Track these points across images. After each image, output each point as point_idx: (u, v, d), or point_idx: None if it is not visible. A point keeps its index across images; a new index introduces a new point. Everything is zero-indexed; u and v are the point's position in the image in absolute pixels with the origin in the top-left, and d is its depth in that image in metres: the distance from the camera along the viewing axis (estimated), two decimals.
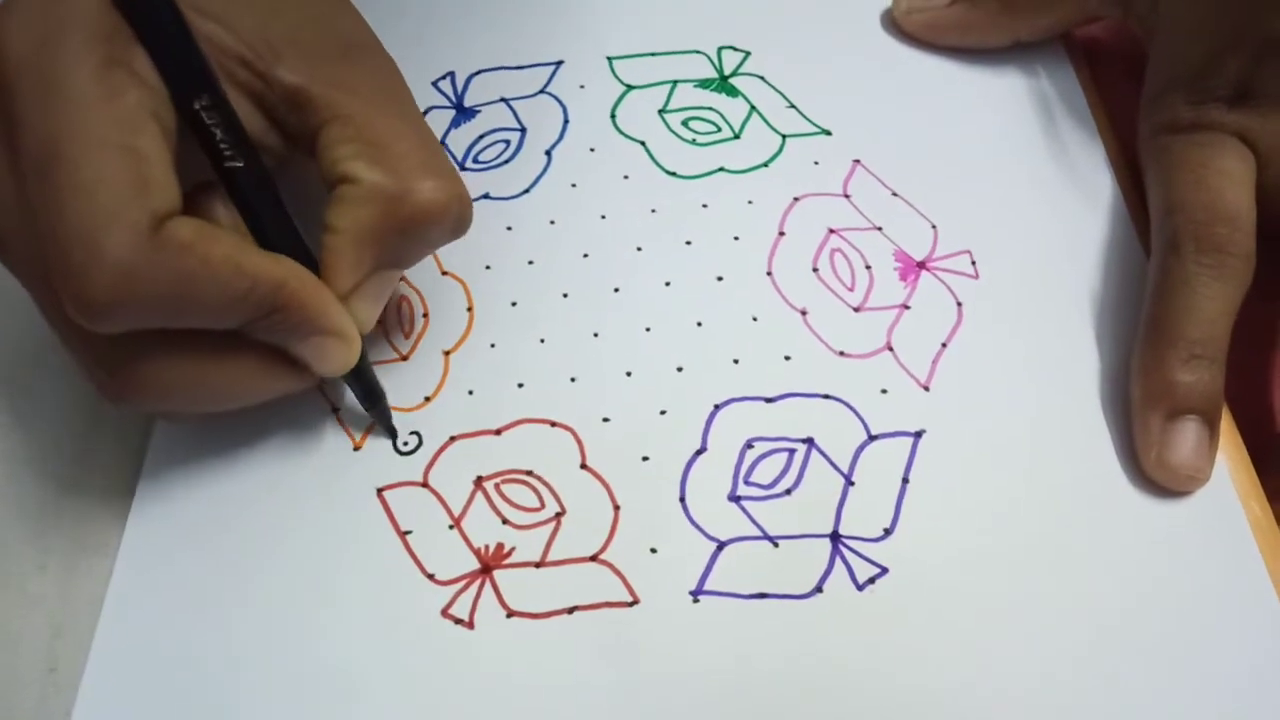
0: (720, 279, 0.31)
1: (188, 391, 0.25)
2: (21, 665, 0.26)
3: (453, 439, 0.29)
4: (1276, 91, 0.30)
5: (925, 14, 0.36)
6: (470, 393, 0.30)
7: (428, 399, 0.30)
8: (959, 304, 0.31)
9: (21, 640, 0.26)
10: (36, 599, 0.27)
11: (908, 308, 0.31)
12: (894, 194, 0.33)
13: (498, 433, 0.29)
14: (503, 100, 0.36)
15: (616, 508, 0.28)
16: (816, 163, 0.34)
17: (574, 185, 0.34)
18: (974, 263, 0.32)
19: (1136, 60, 0.34)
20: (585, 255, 0.32)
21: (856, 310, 0.31)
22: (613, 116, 0.35)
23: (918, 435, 0.29)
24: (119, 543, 0.27)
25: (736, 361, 0.30)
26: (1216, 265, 0.28)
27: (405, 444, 0.29)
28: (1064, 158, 0.34)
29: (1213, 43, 0.30)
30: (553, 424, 0.29)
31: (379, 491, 0.28)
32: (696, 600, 0.26)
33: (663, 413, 0.29)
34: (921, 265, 0.32)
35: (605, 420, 0.29)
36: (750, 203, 0.33)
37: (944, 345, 0.30)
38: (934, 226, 0.33)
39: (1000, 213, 0.33)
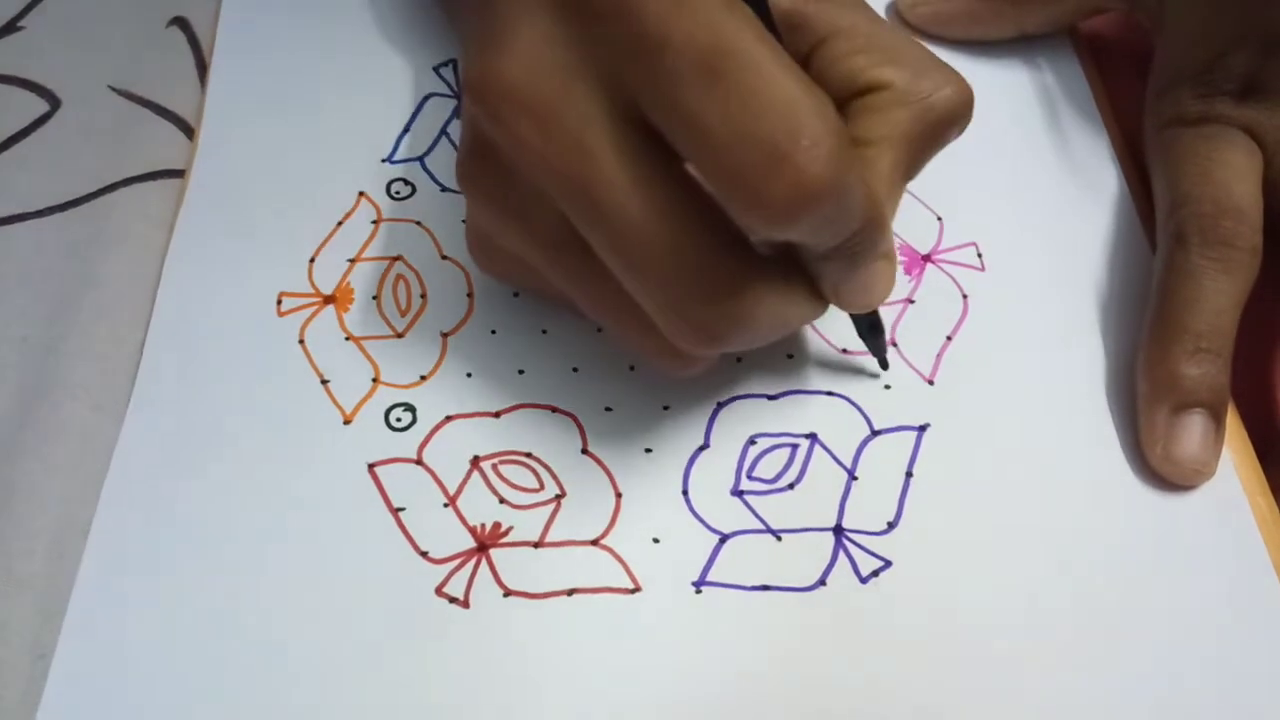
0: None
1: (765, 327, 0.24)
2: (9, 652, 0.25)
3: (449, 418, 0.28)
4: None
5: (930, 6, 0.36)
6: (469, 375, 0.29)
7: (424, 378, 0.29)
8: (964, 296, 0.31)
9: (9, 627, 0.25)
10: (24, 584, 0.26)
11: (912, 301, 0.31)
12: None
13: (496, 415, 0.28)
14: None
15: (618, 495, 0.27)
16: None
17: None
18: (980, 255, 0.32)
19: (1142, 53, 0.34)
20: None
21: None
22: None
23: (921, 429, 0.28)
24: None
25: (739, 360, 0.29)
26: (1223, 259, 0.28)
27: (398, 420, 0.28)
28: (1069, 150, 0.34)
29: (1220, 36, 0.30)
30: (554, 410, 0.29)
31: (370, 467, 0.28)
32: (699, 590, 0.26)
33: (666, 408, 0.29)
34: (926, 258, 0.32)
35: (608, 410, 0.28)
36: None
37: (949, 339, 0.30)
38: (939, 219, 0.32)
39: (1006, 205, 0.33)
